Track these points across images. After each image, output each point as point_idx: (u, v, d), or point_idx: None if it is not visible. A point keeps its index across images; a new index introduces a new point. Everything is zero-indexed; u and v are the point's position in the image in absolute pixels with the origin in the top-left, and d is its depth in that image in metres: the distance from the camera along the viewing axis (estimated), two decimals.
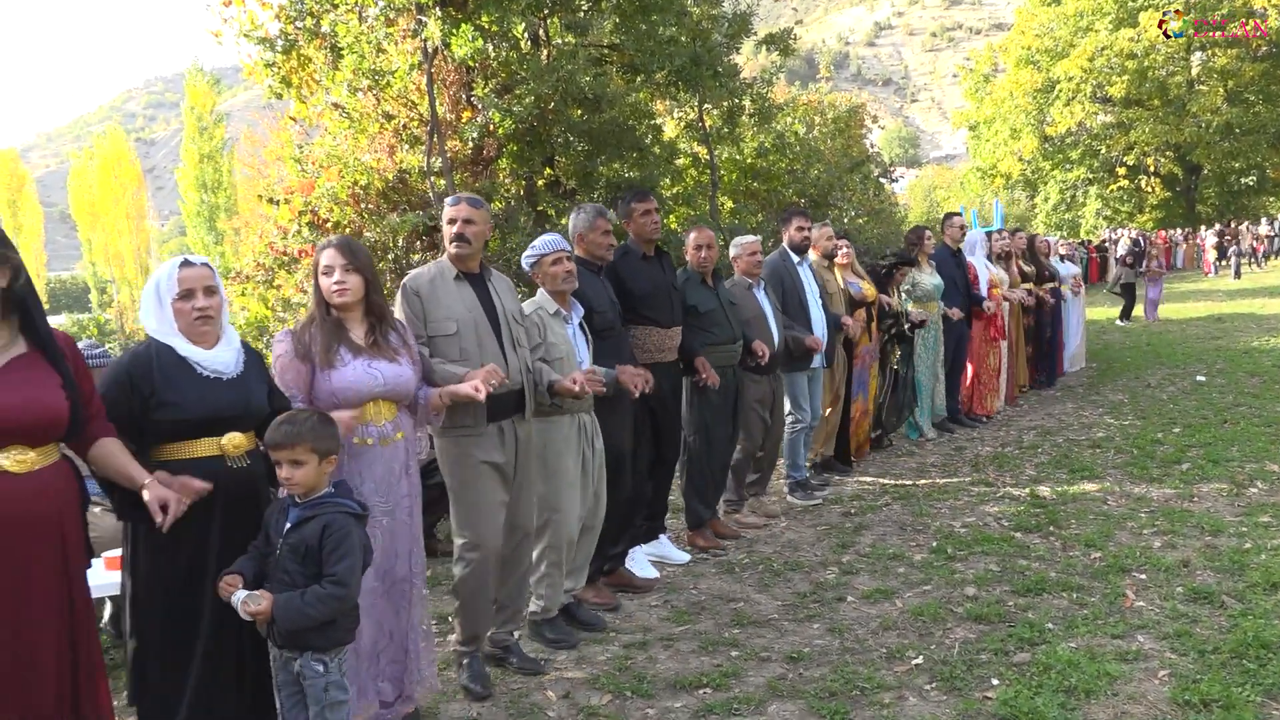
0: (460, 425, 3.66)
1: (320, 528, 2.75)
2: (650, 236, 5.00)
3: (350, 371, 3.18)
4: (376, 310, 3.33)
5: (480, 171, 10.61)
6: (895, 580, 4.75)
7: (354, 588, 2.77)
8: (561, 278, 4.18)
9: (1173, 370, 10.96)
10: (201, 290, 2.89)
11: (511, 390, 3.71)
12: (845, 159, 17.50)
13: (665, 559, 5.23)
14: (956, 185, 48.17)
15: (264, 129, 20.51)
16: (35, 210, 55.41)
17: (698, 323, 5.28)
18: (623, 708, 3.58)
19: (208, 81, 46.59)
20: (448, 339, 3.62)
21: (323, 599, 2.70)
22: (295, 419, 2.84)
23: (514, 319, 3.84)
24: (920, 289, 7.91)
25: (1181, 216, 36.72)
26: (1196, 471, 6.38)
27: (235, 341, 3.01)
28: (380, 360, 3.25)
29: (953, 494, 6.28)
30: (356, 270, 3.25)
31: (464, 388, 3.34)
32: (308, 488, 2.82)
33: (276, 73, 10.75)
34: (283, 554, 2.79)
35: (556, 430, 4.15)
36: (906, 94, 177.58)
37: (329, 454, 2.84)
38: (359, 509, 2.86)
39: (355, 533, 2.79)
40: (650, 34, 11.12)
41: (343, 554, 2.73)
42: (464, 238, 3.70)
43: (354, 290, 3.25)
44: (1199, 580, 4.43)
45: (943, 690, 3.55)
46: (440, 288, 3.69)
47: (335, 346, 3.20)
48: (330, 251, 3.27)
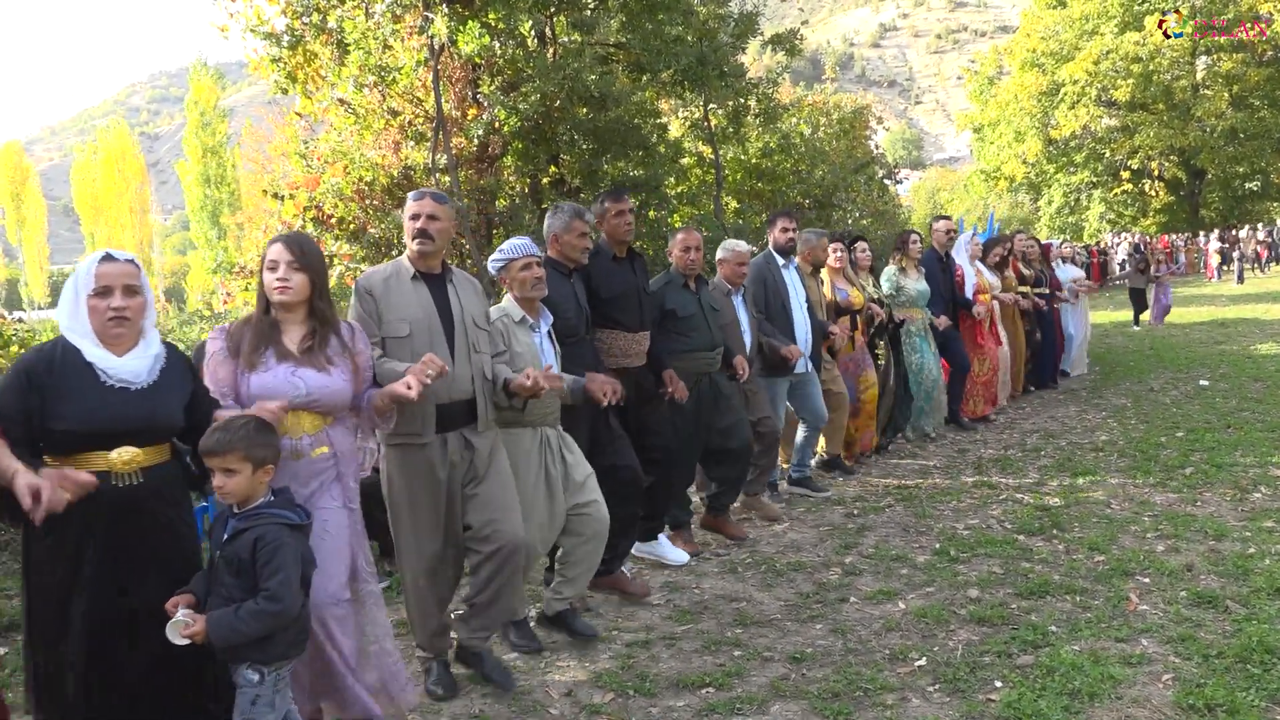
0: (405, 433, 3.49)
1: (253, 540, 2.64)
2: (623, 238, 4.84)
3: (270, 377, 2.98)
4: (319, 314, 3.11)
5: (485, 169, 10.62)
6: (898, 581, 4.74)
7: (290, 602, 2.63)
8: (530, 284, 4.02)
9: (1176, 374, 10.95)
10: (121, 289, 2.69)
11: (459, 400, 3.55)
12: (850, 160, 17.49)
13: (663, 558, 5.18)
14: (960, 188, 48.11)
15: (268, 124, 20.50)
16: (39, 203, 55.48)
17: (676, 328, 5.14)
18: (625, 706, 3.58)
19: (211, 76, 46.63)
20: (399, 341, 3.46)
21: (256, 615, 2.59)
22: (229, 426, 2.69)
23: (474, 323, 3.64)
24: (905, 294, 7.77)
25: (1185, 221, 36.68)
26: (1200, 476, 6.37)
27: (154, 348, 2.80)
28: (307, 368, 3.02)
29: (955, 496, 6.28)
30: (303, 269, 3.05)
31: (397, 386, 3.13)
32: (242, 497, 2.70)
33: (282, 68, 10.76)
34: (219, 568, 2.68)
35: (516, 444, 3.99)
36: (911, 96, 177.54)
37: (264, 463, 2.71)
38: (298, 519, 2.73)
39: (290, 544, 2.66)
40: (656, 33, 11.13)
41: (276, 567, 2.61)
42: (427, 234, 3.53)
43: (297, 289, 3.04)
44: (1203, 585, 4.42)
45: (946, 692, 3.54)
46: (395, 287, 3.52)
47: (262, 348, 3.01)
48: (278, 246, 3.07)
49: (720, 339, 5.31)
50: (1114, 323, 17.64)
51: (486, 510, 3.63)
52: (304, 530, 2.76)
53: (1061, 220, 37.78)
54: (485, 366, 3.65)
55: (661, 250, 10.61)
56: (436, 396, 3.43)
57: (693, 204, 13.89)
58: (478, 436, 3.63)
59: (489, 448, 3.69)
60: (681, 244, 5.30)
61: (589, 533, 4.22)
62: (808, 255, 6.64)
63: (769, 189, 15.08)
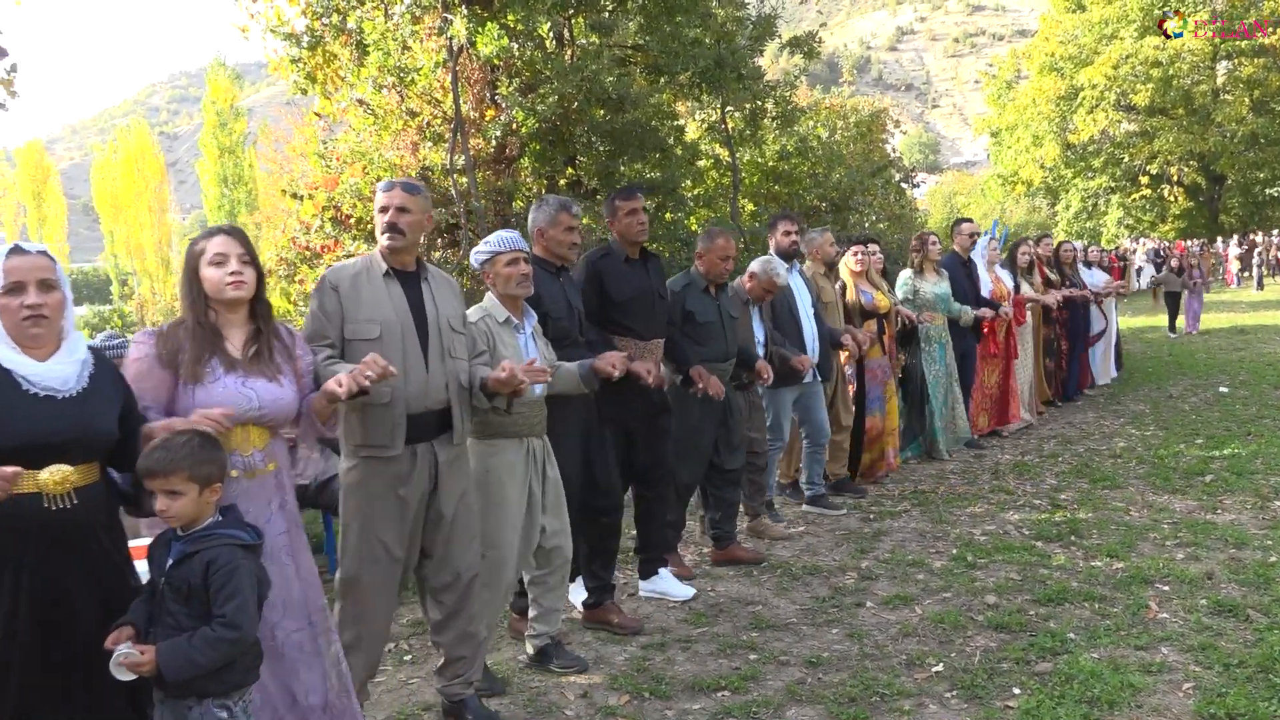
0: (371, 444, 3.18)
1: (204, 564, 2.41)
2: (636, 239, 4.54)
3: (220, 389, 2.68)
4: (262, 315, 2.83)
5: (502, 170, 10.65)
6: (915, 587, 4.72)
7: (248, 627, 2.44)
8: (516, 280, 3.69)
9: (1195, 381, 10.87)
10: (35, 284, 2.38)
11: (434, 409, 3.25)
12: (867, 164, 17.45)
13: (666, 595, 4.74)
14: (977, 192, 47.91)
15: (286, 124, 20.62)
16: (59, 202, 55.92)
17: (694, 333, 4.88)
18: (641, 708, 3.58)
19: (228, 76, 46.93)
20: (368, 344, 3.09)
21: (213, 643, 2.37)
22: (170, 444, 2.43)
23: (449, 326, 3.33)
24: (921, 297, 7.44)
25: (1204, 227, 36.42)
26: (1220, 483, 6.31)
27: (80, 352, 2.51)
28: (257, 378, 2.74)
29: (972, 502, 6.24)
30: (252, 263, 2.77)
31: (329, 384, 2.81)
32: (187, 520, 2.47)
33: (302, 68, 10.82)
34: (165, 595, 2.44)
35: (500, 455, 3.67)
36: (928, 99, 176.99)
37: (211, 481, 2.47)
38: (250, 539, 2.52)
39: (244, 567, 2.45)
40: (675, 35, 11.13)
41: (231, 592, 2.40)
42: (396, 228, 3.23)
43: (250, 285, 2.76)
44: (1223, 593, 4.39)
45: (963, 698, 3.52)
46: (365, 285, 3.22)
47: (207, 357, 2.69)
48: (223, 238, 2.75)
49: (735, 349, 5.10)
50: (1132, 329, 17.52)
51: (451, 535, 3.36)
52: (257, 550, 2.55)
53: (1079, 225, 37.55)
54: (461, 373, 3.35)
55: (679, 253, 10.61)
56: (408, 405, 3.16)
57: (709, 206, 13.89)
58: (448, 450, 3.32)
59: (460, 463, 3.41)
60: (721, 251, 4.99)
61: (559, 561, 3.93)
62: (816, 254, 6.41)
63: (786, 191, 15.06)
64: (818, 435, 6.18)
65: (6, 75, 7.73)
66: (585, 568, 4.43)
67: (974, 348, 8.02)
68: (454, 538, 3.37)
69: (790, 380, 5.79)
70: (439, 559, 3.37)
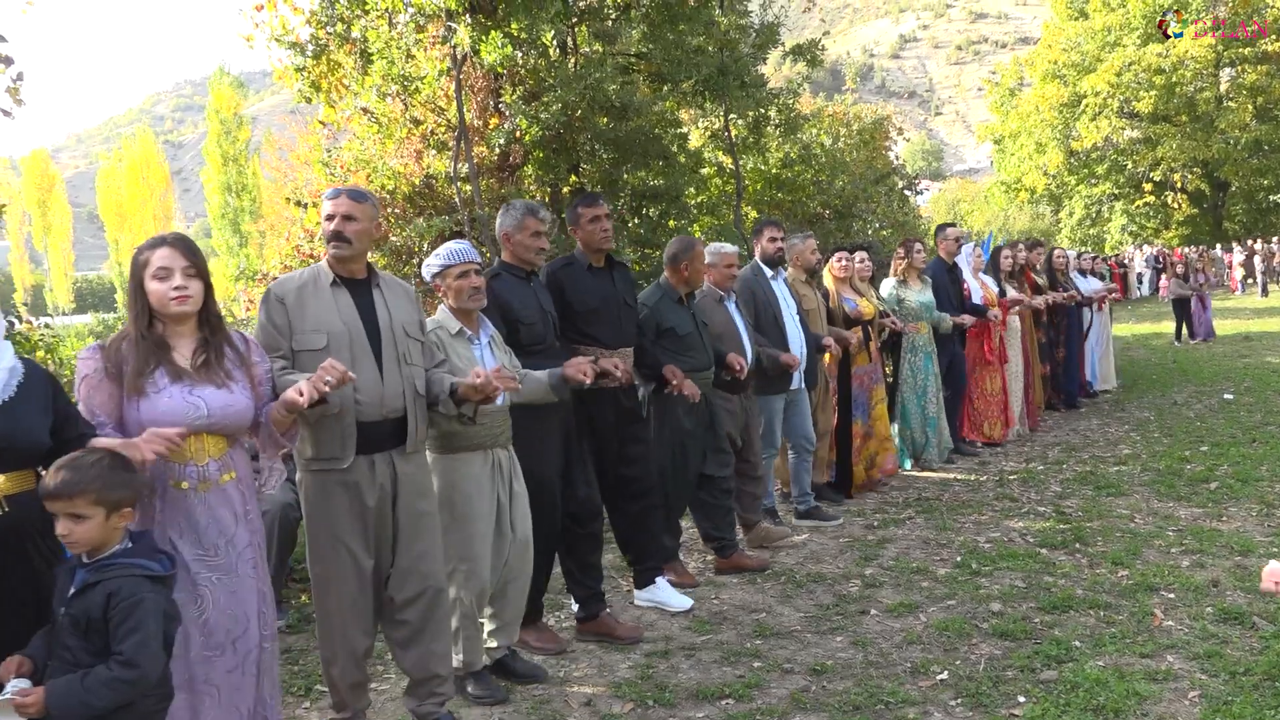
0: (323, 457, 3.15)
1: (105, 596, 2.25)
2: (599, 245, 4.48)
3: (165, 400, 2.63)
4: (211, 323, 2.78)
5: (506, 178, 10.66)
6: (919, 594, 4.71)
7: (149, 667, 2.26)
8: (467, 293, 3.65)
9: (1200, 388, 10.85)
10: None
11: (390, 418, 3.20)
12: (870, 171, 17.44)
13: (664, 605, 4.70)
14: (980, 199, 47.93)
15: (291, 133, 20.69)
16: (64, 210, 56.14)
17: (675, 346, 4.86)
18: (644, 716, 3.57)
19: (231, 84, 47.14)
20: (314, 354, 3.06)
21: (107, 683, 2.20)
22: (77, 464, 2.30)
23: (404, 332, 3.28)
24: (906, 306, 7.38)
25: (1208, 233, 36.38)
26: (1225, 491, 6.30)
27: (6, 360, 2.50)
28: (205, 386, 2.69)
29: (976, 509, 6.23)
30: (199, 275, 2.71)
31: (289, 393, 2.76)
32: (92, 546, 2.31)
33: (306, 77, 10.86)
34: (63, 627, 2.29)
35: (465, 468, 3.63)
36: (931, 107, 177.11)
37: (120, 505, 2.32)
38: (160, 569, 2.36)
39: (150, 600, 2.28)
40: (678, 43, 11.15)
41: (132, 627, 2.23)
42: (342, 236, 3.19)
43: (195, 299, 2.71)
44: (1229, 601, 4.37)
45: (968, 706, 3.51)
46: (311, 295, 3.19)
47: (150, 369, 2.65)
48: (166, 251, 2.67)
49: (713, 357, 5.04)
50: (1136, 335, 17.51)
51: (411, 546, 3.30)
52: (167, 582, 2.39)
53: (1082, 232, 37.55)
54: (418, 380, 3.29)
55: None
56: (362, 413, 3.13)
57: (713, 214, 13.88)
58: (405, 459, 3.27)
59: (418, 473, 3.35)
60: (702, 258, 5.06)
61: (519, 572, 3.87)
62: (797, 261, 6.30)
63: (789, 199, 15.05)
64: (804, 444, 6.11)
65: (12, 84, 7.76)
66: (571, 580, 4.41)
67: (961, 355, 7.91)
68: (417, 550, 3.32)
69: (781, 385, 5.77)
70: (402, 571, 3.31)
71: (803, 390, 6.02)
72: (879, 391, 6.92)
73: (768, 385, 5.70)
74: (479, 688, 3.78)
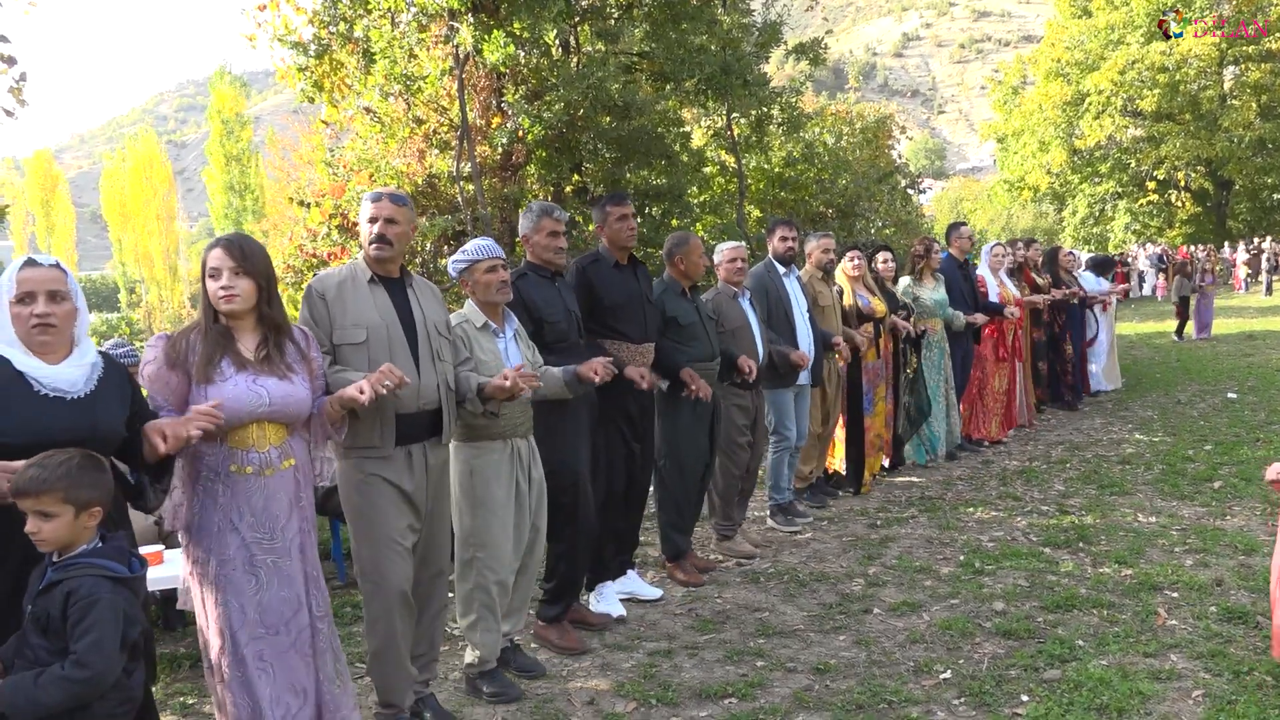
0: (363, 446, 3.27)
1: (64, 595, 2.26)
2: (625, 244, 4.60)
3: (231, 387, 2.77)
4: (270, 321, 2.91)
5: (509, 177, 10.67)
6: (922, 593, 4.71)
7: (102, 668, 2.23)
8: (495, 287, 3.76)
9: (1203, 387, 10.83)
10: (44, 295, 2.51)
11: (426, 410, 3.35)
12: (873, 170, 17.43)
13: (636, 595, 4.76)
14: (984, 198, 47.85)
15: (293, 133, 20.70)
16: (68, 210, 56.19)
17: (677, 337, 4.90)
18: (647, 715, 3.57)
19: (232, 84, 47.20)
20: (355, 348, 3.25)
21: (57, 683, 2.18)
22: (47, 462, 2.31)
23: (436, 330, 3.44)
24: (921, 304, 7.42)
25: (1212, 232, 36.31)
26: (1229, 490, 6.29)
27: (90, 356, 2.62)
28: (268, 377, 2.84)
29: (980, 507, 6.23)
30: (249, 274, 2.83)
31: (349, 390, 2.94)
32: (60, 545, 2.33)
33: (309, 77, 10.88)
34: (27, 626, 2.30)
35: (485, 456, 3.72)
36: (934, 105, 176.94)
37: (90, 505, 2.34)
38: (125, 570, 2.36)
39: (106, 600, 2.27)
40: (680, 42, 11.16)
41: (87, 627, 2.22)
42: (385, 239, 3.34)
43: (244, 296, 2.83)
44: (1233, 600, 4.37)
45: (971, 706, 3.51)
46: (350, 291, 3.32)
47: (217, 359, 2.79)
48: (218, 252, 2.83)
49: (718, 348, 5.08)
50: (1140, 334, 17.48)
51: (433, 533, 3.48)
52: (132, 584, 2.37)
53: (1086, 231, 37.45)
54: (449, 375, 3.46)
55: None
56: (402, 406, 3.25)
57: (715, 213, 13.89)
58: (438, 450, 3.45)
59: (443, 465, 3.54)
60: (699, 250, 5.08)
61: (529, 563, 3.95)
62: (811, 259, 6.42)
63: (792, 198, 15.05)
64: (796, 439, 6.06)
65: (16, 84, 7.79)
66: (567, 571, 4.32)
67: (972, 352, 8.04)
68: (435, 535, 3.50)
69: (791, 379, 5.82)
70: (420, 557, 3.45)
71: (806, 387, 6.06)
72: (881, 389, 6.93)
73: (777, 379, 5.78)
74: (493, 685, 3.78)
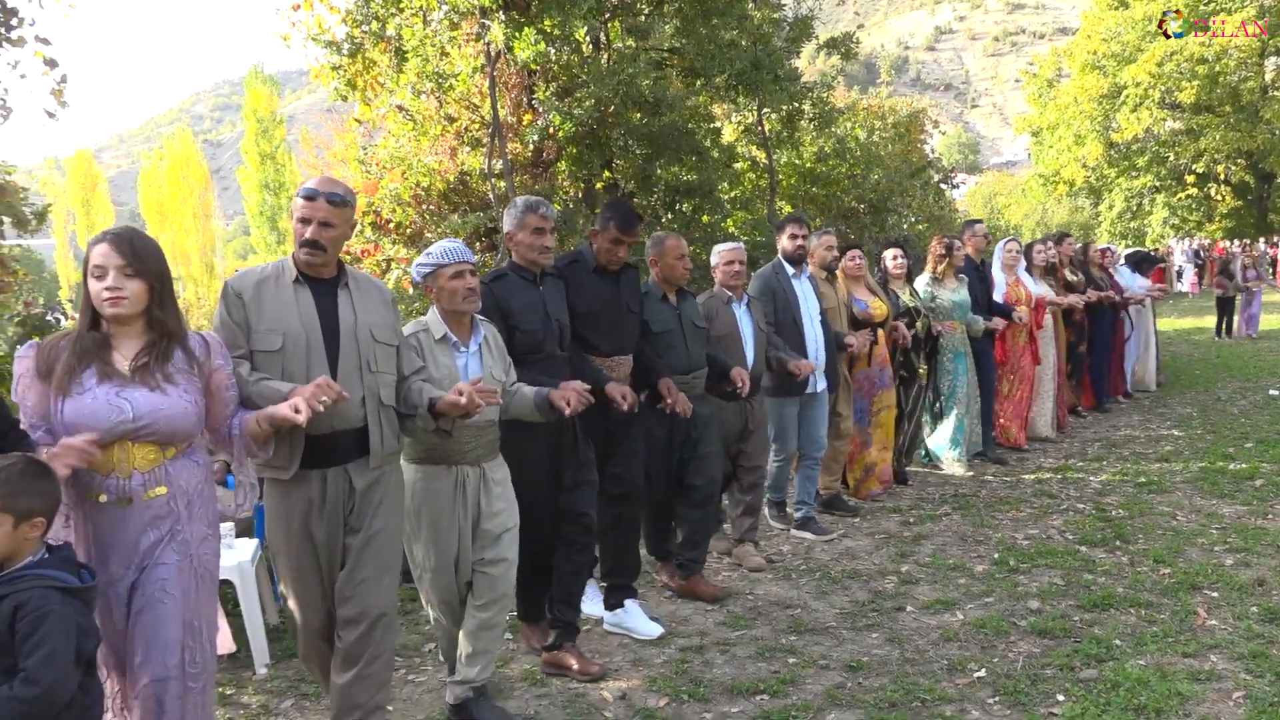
0: (271, 465, 2.90)
1: (12, 609, 2.15)
2: (609, 264, 4.22)
3: (88, 401, 2.42)
4: (161, 326, 2.55)
5: (540, 174, 10.71)
6: (956, 591, 4.67)
7: (54, 684, 2.12)
8: (461, 295, 3.36)
9: (1244, 384, 10.65)
10: None
11: (347, 429, 2.94)
12: (905, 165, 17.31)
13: (632, 632, 4.34)
14: (1018, 192, 47.30)
15: (327, 131, 20.89)
16: (107, 209, 56.98)
17: (651, 345, 4.46)
18: (680, 711, 3.57)
19: (266, 82, 47.66)
20: (269, 356, 2.87)
21: (5, 704, 2.08)
22: None
23: (370, 337, 3.00)
24: (939, 305, 7.02)
25: (1253, 226, 35.67)
26: (1270, 488, 6.18)
27: None
28: (137, 389, 2.47)
29: (1014, 505, 6.16)
30: (139, 274, 2.49)
31: (282, 408, 2.60)
32: (2, 556, 2.22)
33: (342, 75, 11.00)
34: None
35: (428, 482, 3.38)
36: (967, 99, 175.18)
37: (31, 515, 2.21)
38: (76, 581, 2.24)
39: (57, 613, 2.15)
40: (711, 38, 11.14)
41: (37, 642, 2.11)
42: (317, 244, 2.92)
43: (133, 299, 2.49)
44: (1275, 600, 4.29)
45: (1006, 705, 3.48)
46: (270, 292, 2.92)
47: (80, 368, 2.45)
48: (104, 248, 2.48)
49: (700, 360, 4.66)
50: (1178, 330, 17.21)
51: (355, 571, 3.01)
52: (84, 595, 2.26)
53: (1123, 225, 36.91)
54: (384, 389, 3.03)
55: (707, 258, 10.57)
56: (311, 427, 2.74)
57: (746, 209, 13.87)
58: (365, 474, 3.00)
59: (378, 488, 3.05)
60: (674, 253, 4.63)
61: (491, 596, 3.46)
62: (813, 258, 5.96)
63: (824, 193, 14.99)
64: (813, 449, 5.77)
65: (57, 86, 7.93)
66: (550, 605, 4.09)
67: (990, 355, 7.51)
68: (365, 572, 3.01)
69: (792, 389, 5.47)
70: (343, 594, 3.02)
71: (822, 393, 5.71)
72: (884, 398, 6.48)
73: (780, 388, 5.43)
74: None
